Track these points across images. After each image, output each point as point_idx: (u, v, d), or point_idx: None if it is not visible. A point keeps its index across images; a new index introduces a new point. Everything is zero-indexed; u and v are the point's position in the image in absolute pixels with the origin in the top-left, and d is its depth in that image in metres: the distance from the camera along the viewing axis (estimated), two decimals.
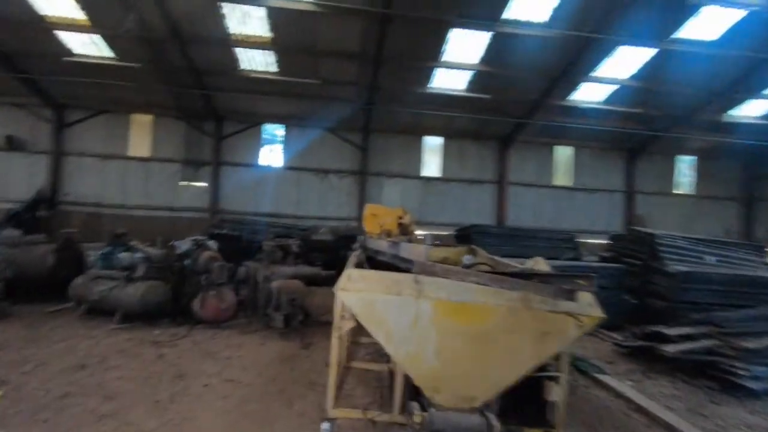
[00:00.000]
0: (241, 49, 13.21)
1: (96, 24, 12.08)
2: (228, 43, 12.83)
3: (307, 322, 7.46)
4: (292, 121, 16.57)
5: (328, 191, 16.93)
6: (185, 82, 14.20)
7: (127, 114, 16.14)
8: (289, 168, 16.85)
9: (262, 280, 7.72)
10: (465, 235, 12.37)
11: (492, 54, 13.10)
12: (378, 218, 8.13)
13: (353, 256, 5.88)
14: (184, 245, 8.17)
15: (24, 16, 11.70)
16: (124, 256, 7.71)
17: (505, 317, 3.10)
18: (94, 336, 6.44)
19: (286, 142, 17.01)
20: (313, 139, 16.77)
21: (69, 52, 13.05)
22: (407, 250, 5.26)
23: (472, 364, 3.24)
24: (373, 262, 6.18)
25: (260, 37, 12.68)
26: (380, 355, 5.55)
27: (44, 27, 12.11)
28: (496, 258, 5.21)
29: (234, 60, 13.60)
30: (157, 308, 7.21)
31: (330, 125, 16.44)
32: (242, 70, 14.01)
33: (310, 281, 8.34)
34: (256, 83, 14.46)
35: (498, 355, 3.21)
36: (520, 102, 15.38)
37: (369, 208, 8.43)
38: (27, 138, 15.60)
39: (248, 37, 12.68)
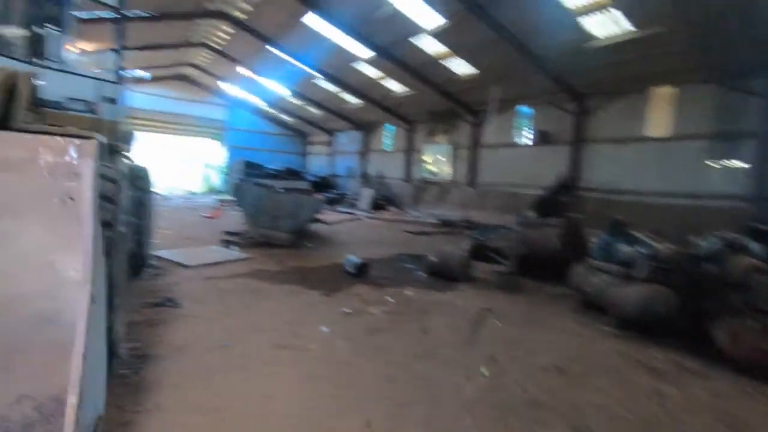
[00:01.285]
0: None
1: None
2: None
3: None
4: None
5: None
6: (720, 30, 10.83)
7: (643, 91, 14.61)
8: None
9: None
10: None
11: None
12: None
13: None
14: (707, 243, 5.88)
15: (551, 13, 12.58)
16: (623, 249, 6.50)
17: None
18: (582, 335, 5.69)
19: None
20: None
21: (590, 37, 13.09)
22: None
23: None
24: None
25: None
26: None
27: (568, 19, 12.62)
28: None
29: None
30: (659, 321, 5.51)
31: None
32: None
33: None
34: None
35: None
36: None
37: None
38: (554, 131, 17.52)
39: None
